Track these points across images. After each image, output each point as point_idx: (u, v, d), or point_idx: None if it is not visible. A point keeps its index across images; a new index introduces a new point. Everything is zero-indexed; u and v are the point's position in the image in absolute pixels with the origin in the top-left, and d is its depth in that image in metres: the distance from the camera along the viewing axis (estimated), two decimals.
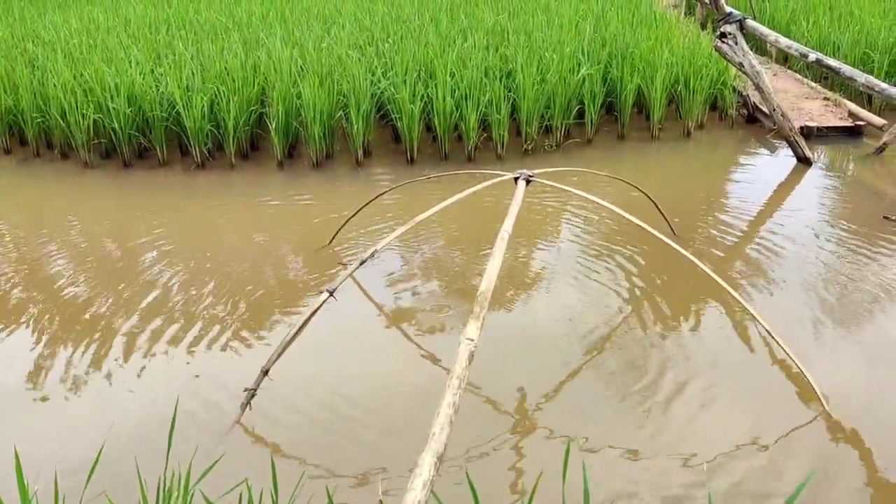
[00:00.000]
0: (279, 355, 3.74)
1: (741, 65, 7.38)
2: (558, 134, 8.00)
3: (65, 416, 3.87)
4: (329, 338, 4.39)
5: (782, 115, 7.42)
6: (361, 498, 3.15)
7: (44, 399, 4.01)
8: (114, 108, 7.52)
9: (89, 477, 2.34)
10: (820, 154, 7.85)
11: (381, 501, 1.99)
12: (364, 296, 5.11)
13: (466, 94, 7.48)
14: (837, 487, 3.23)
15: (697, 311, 4.80)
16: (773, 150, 8.07)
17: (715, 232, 6.09)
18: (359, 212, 5.70)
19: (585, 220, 6.44)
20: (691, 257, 4.12)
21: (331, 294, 3.85)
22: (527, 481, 3.28)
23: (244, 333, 4.63)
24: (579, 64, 8.15)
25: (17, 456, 2.24)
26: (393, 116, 7.70)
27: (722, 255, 5.67)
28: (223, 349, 4.47)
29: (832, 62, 6.95)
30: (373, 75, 7.91)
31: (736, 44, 7.37)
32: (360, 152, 7.64)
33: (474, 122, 7.45)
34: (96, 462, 2.36)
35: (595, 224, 6.39)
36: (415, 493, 1.85)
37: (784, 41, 7.48)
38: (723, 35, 7.44)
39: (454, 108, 7.49)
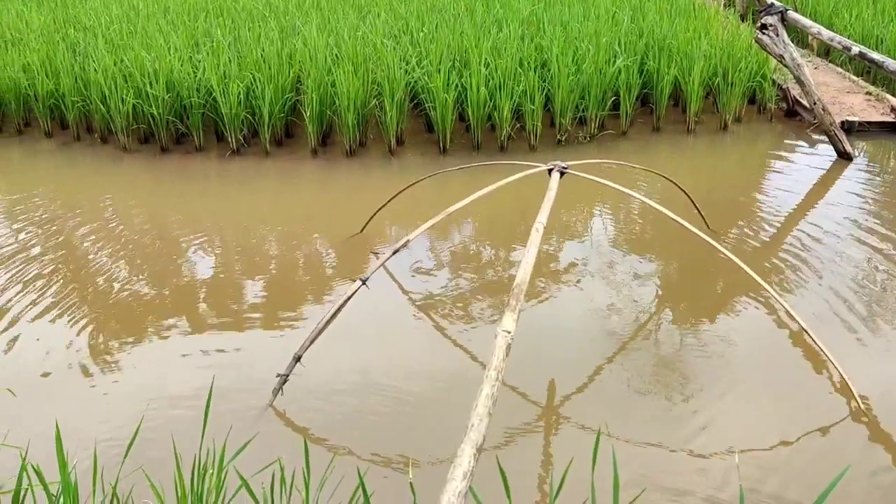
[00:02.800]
0: (312, 342, 3.78)
1: (782, 57, 7.26)
2: (592, 125, 7.94)
3: (103, 394, 3.96)
4: (361, 326, 4.43)
5: (823, 109, 7.28)
6: (391, 481, 3.18)
7: (82, 377, 4.11)
8: (152, 94, 7.63)
9: (127, 451, 2.40)
10: (861, 149, 7.69)
11: (411, 484, 2.02)
12: (396, 285, 5.14)
13: (500, 84, 7.45)
14: (871, 484, 3.19)
15: (730, 305, 4.75)
16: (812, 144, 7.93)
17: (750, 227, 6.01)
18: (391, 201, 5.73)
19: (618, 213, 6.40)
20: (726, 252, 4.08)
21: (363, 283, 3.89)
22: (556, 468, 3.28)
23: (276, 319, 4.69)
24: (615, 55, 8.07)
25: (57, 430, 2.30)
26: (426, 106, 7.70)
27: (757, 250, 5.60)
28: (256, 334, 4.53)
29: (876, 56, 6.79)
30: (407, 64, 7.91)
31: (777, 35, 7.24)
32: (393, 141, 7.66)
33: (508, 112, 7.42)
34: (134, 437, 2.42)
35: (628, 216, 6.35)
36: (455, 483, 1.87)
37: (826, 33, 7.33)
38: (763, 26, 7.31)
39: (488, 98, 7.47)
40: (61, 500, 2.26)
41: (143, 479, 2.44)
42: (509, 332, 2.65)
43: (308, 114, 7.52)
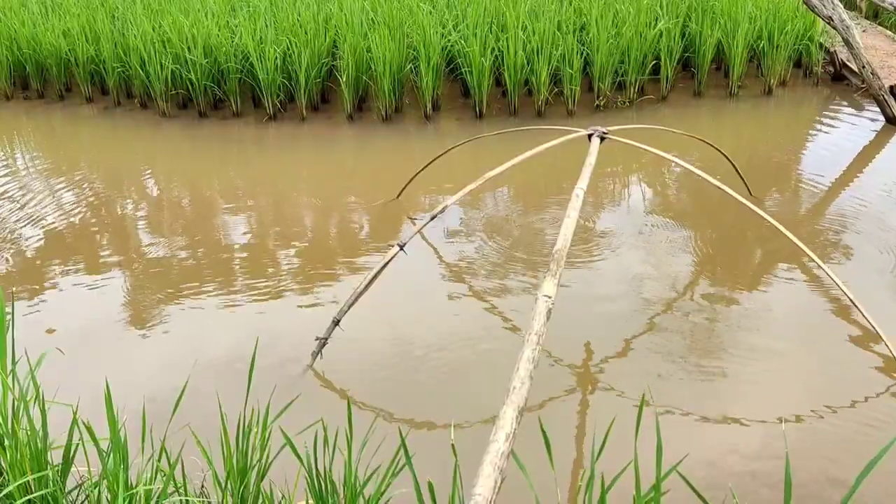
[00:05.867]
0: (350, 306, 3.82)
1: (830, 18, 7.02)
2: (632, 90, 7.79)
3: (148, 355, 4.06)
4: (398, 291, 4.45)
5: (872, 73, 7.05)
6: (432, 443, 3.22)
7: (126, 338, 4.21)
8: (191, 60, 7.67)
9: (174, 409, 2.45)
10: None
11: (452, 446, 2.04)
12: (433, 250, 5.14)
13: (538, 48, 7.34)
14: None
15: (773, 273, 4.68)
16: (859, 109, 7.69)
17: (794, 194, 5.89)
18: (427, 166, 5.71)
19: (658, 179, 6.31)
20: (769, 218, 4.00)
21: (401, 248, 3.90)
22: (595, 433, 3.28)
23: (314, 283, 4.74)
24: (656, 17, 7.88)
25: (107, 388, 2.36)
26: (462, 70, 7.63)
27: (801, 217, 5.48)
28: (294, 298, 4.58)
29: None
30: (443, 28, 7.83)
31: None
32: (429, 106, 7.61)
33: (545, 76, 7.31)
34: (181, 396, 2.48)
35: (668, 182, 6.25)
36: (498, 444, 1.89)
37: None
38: None
39: (525, 63, 7.37)
40: (111, 456, 2.33)
41: (190, 437, 2.50)
42: (550, 297, 2.64)
43: (344, 79, 7.50)
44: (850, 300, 3.76)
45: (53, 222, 5.75)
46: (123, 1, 9.24)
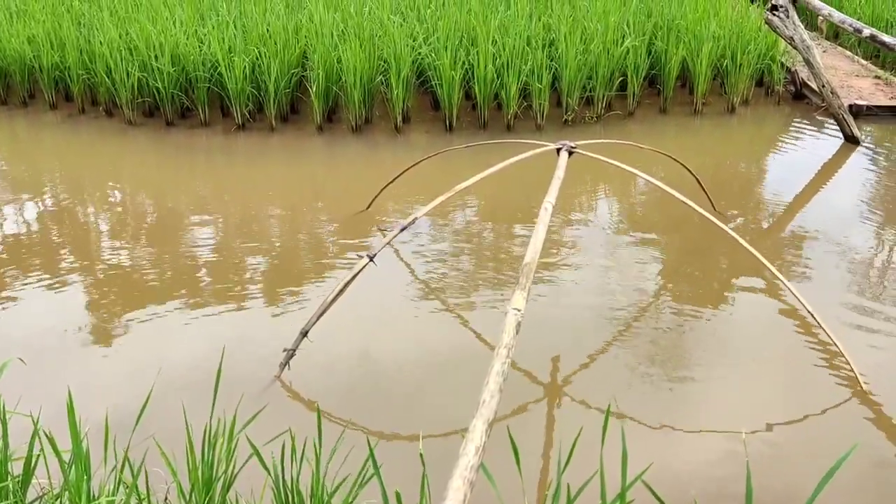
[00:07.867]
0: (319, 317, 3.80)
1: (792, 39, 7.20)
2: (599, 106, 7.90)
3: (111, 365, 3.99)
4: (368, 302, 4.44)
5: (832, 93, 7.24)
6: (400, 455, 3.22)
7: (89, 348, 4.14)
8: (157, 68, 7.60)
9: (138, 420, 2.42)
10: (868, 133, 7.66)
11: (420, 455, 2.04)
12: (403, 262, 5.15)
13: (508, 63, 7.41)
14: (872, 463, 3.22)
15: (735, 286, 4.77)
16: (819, 127, 7.89)
17: (756, 209, 6.01)
18: (397, 178, 5.72)
19: (624, 193, 6.40)
20: (732, 233, 4.09)
21: (371, 259, 3.90)
22: (561, 445, 3.31)
23: (282, 295, 4.71)
24: (623, 35, 8.02)
25: (70, 399, 2.33)
26: (433, 83, 7.66)
27: (762, 232, 5.60)
28: (262, 309, 4.55)
29: (887, 38, 6.74)
30: (414, 41, 7.86)
31: (787, 17, 7.18)
32: (399, 118, 7.63)
33: (515, 90, 7.38)
34: (145, 406, 2.44)
35: (634, 197, 6.34)
36: (468, 458, 1.88)
37: (838, 15, 7.27)
38: (774, 7, 7.25)
39: (495, 76, 7.43)
40: (73, 467, 2.29)
41: (154, 447, 2.47)
42: (519, 310, 2.66)
43: (314, 90, 7.49)
44: (809, 312, 3.85)
45: (13, 231, 5.63)
46: (90, 7, 9.12)
